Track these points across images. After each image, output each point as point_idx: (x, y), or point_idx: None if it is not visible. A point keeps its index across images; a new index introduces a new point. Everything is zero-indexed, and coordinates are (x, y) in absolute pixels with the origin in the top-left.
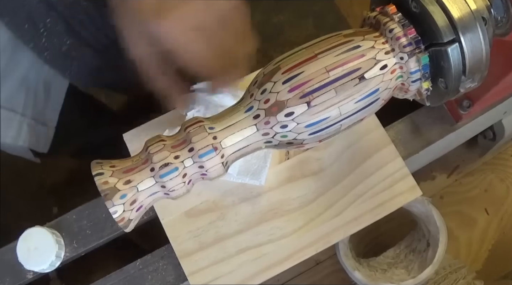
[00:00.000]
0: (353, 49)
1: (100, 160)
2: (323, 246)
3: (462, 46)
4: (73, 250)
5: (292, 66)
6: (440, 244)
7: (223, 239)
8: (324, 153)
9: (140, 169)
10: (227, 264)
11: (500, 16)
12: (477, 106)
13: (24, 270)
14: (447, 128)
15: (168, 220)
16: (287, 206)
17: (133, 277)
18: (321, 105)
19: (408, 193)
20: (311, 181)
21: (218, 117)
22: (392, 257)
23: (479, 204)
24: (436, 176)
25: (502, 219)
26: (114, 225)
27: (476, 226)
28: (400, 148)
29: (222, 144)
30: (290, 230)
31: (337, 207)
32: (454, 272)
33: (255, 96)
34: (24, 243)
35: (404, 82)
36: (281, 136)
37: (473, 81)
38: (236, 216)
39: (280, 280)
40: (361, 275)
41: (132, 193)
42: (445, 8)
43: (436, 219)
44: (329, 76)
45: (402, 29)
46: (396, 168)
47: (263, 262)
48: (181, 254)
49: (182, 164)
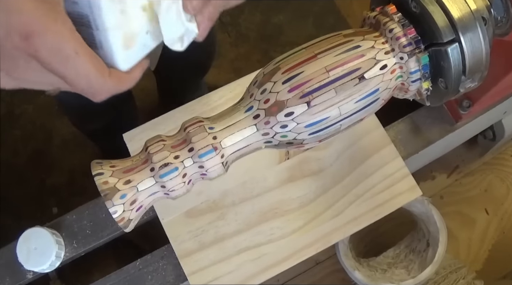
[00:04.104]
0: (353, 49)
1: (100, 160)
2: (323, 246)
3: (462, 46)
4: (73, 250)
5: (292, 66)
6: (440, 244)
7: (223, 239)
8: (324, 153)
9: (140, 169)
10: (227, 264)
11: (500, 16)
12: (477, 106)
13: (24, 270)
14: (447, 128)
15: (168, 220)
16: (287, 206)
17: (133, 277)
18: (321, 105)
19: (408, 193)
20: (311, 181)
21: (218, 117)
22: (392, 257)
23: (479, 204)
24: (436, 176)
25: (502, 219)
26: (114, 225)
27: (476, 226)
28: (400, 148)
29: (222, 144)
30: (290, 230)
31: (337, 207)
32: (454, 272)
33: (255, 96)
34: (24, 243)
35: (404, 82)
36: (281, 136)
37: (473, 81)
38: (236, 216)
39: (280, 280)
40: (361, 275)
41: (132, 193)
42: (445, 8)
43: (436, 219)
44: (329, 76)
45: (402, 29)
46: (396, 168)
47: (263, 262)
48: (181, 254)
49: (182, 164)
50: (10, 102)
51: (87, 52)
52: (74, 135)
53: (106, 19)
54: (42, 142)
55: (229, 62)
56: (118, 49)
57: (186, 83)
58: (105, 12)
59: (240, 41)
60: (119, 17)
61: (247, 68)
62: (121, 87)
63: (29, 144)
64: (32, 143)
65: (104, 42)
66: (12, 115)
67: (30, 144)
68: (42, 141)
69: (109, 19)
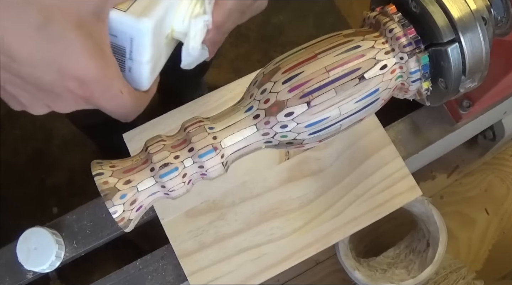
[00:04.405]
0: (353, 49)
1: (100, 160)
2: (323, 246)
3: (462, 46)
4: (73, 250)
5: (292, 66)
6: (440, 244)
7: (223, 239)
8: (324, 153)
9: (140, 169)
10: (227, 264)
11: (500, 16)
12: (477, 106)
13: (24, 270)
14: (447, 128)
15: (168, 220)
16: (287, 206)
17: (133, 277)
18: (321, 105)
19: (408, 193)
20: (311, 181)
21: (218, 117)
22: (392, 257)
23: (479, 204)
24: (436, 176)
25: (502, 219)
26: (114, 225)
27: (476, 226)
28: (400, 148)
29: (222, 144)
30: (290, 230)
31: (337, 207)
32: (454, 272)
33: (255, 96)
34: (24, 243)
35: (404, 82)
36: (281, 136)
37: (473, 81)
38: (236, 216)
39: (280, 280)
40: (361, 275)
41: (132, 193)
42: (445, 8)
43: (436, 219)
44: (329, 76)
45: (402, 29)
46: (396, 168)
47: (263, 262)
48: (181, 254)
49: (182, 164)
50: None
51: (129, 90)
52: (74, 135)
53: (144, 54)
54: (42, 142)
55: (229, 62)
56: (147, 75)
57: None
58: (147, 49)
59: (240, 41)
60: (155, 51)
61: (247, 68)
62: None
63: (29, 143)
64: (32, 142)
65: (134, 69)
66: (12, 115)
67: (30, 143)
68: (42, 141)
69: (147, 54)
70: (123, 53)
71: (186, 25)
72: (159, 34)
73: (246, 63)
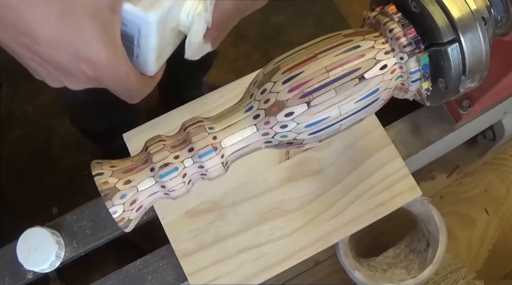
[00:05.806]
0: (353, 49)
1: (100, 160)
2: (323, 246)
3: (462, 46)
4: (73, 250)
5: (292, 66)
6: (440, 244)
7: (223, 239)
8: (324, 153)
9: (140, 169)
10: (227, 264)
11: (500, 16)
12: (477, 106)
13: (24, 270)
14: (447, 128)
15: (168, 220)
16: (287, 206)
17: (133, 277)
18: (321, 105)
19: (408, 193)
20: (311, 181)
21: (218, 117)
22: (392, 257)
23: (479, 204)
24: (436, 176)
25: (502, 219)
26: (114, 225)
27: (476, 226)
28: (400, 148)
29: (222, 144)
30: (290, 230)
31: (337, 207)
32: (454, 272)
33: (255, 96)
34: (24, 243)
35: (404, 82)
36: (281, 136)
37: (473, 81)
38: (236, 216)
39: (280, 280)
40: (361, 275)
41: (132, 193)
42: (445, 8)
43: (436, 219)
44: (329, 76)
45: (402, 29)
46: (396, 168)
47: (263, 262)
48: (181, 254)
49: (182, 164)
50: (10, 102)
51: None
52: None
53: (151, 41)
54: (42, 142)
55: (229, 62)
56: (152, 62)
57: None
58: (152, 38)
59: (240, 41)
60: (161, 40)
61: (247, 68)
62: (150, 90)
63: (29, 143)
64: (32, 142)
65: (141, 55)
66: (12, 115)
67: (30, 143)
68: (42, 141)
69: (153, 41)
70: (132, 41)
71: (190, 20)
72: (164, 26)
73: (246, 63)
